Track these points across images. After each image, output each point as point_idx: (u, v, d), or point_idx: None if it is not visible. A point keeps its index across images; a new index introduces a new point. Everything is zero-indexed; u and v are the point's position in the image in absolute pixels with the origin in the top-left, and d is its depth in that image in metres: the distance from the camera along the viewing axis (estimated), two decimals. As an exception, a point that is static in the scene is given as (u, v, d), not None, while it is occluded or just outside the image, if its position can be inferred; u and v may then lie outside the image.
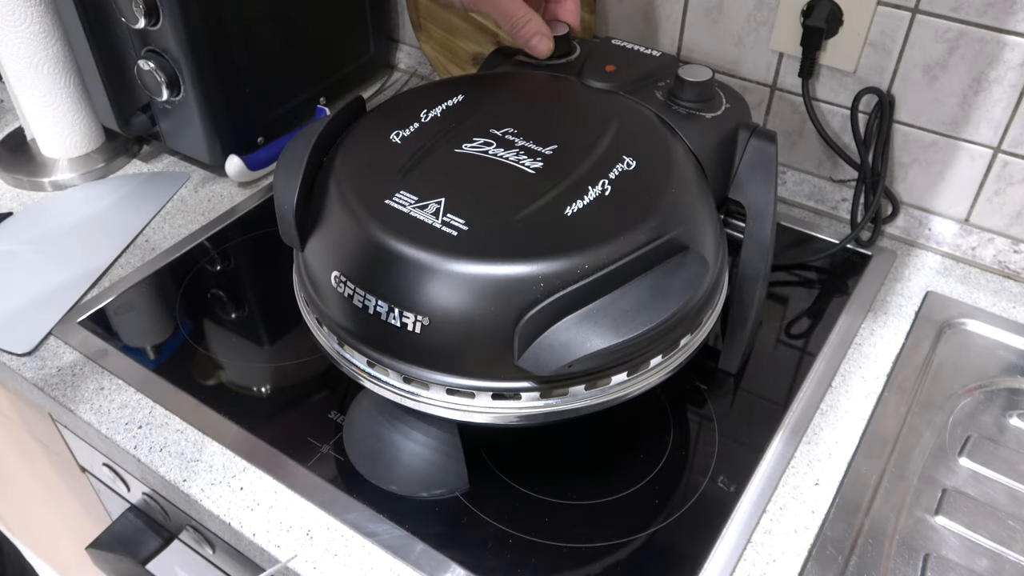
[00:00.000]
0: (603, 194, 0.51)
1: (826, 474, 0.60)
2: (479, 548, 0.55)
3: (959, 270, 0.78)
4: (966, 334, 0.71)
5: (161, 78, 0.80)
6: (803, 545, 0.56)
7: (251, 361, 0.68)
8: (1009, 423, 0.64)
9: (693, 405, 0.64)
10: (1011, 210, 0.75)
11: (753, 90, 0.82)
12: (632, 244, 0.48)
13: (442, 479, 0.58)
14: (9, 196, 0.87)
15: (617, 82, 0.62)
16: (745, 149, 0.59)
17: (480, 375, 0.49)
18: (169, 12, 0.76)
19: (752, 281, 0.61)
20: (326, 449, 0.61)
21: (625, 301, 0.46)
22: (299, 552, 0.55)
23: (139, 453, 0.61)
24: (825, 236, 0.81)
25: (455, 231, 0.48)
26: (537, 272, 0.46)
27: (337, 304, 0.51)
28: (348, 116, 0.59)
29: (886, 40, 0.73)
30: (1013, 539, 0.57)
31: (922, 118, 0.75)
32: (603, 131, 0.56)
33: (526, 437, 0.62)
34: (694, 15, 0.81)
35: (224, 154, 0.86)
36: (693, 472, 0.59)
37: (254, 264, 0.79)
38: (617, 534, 0.56)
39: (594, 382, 0.50)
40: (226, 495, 0.58)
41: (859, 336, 0.70)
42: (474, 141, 0.55)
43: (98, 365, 0.68)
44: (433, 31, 1.00)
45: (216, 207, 0.86)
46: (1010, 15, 0.66)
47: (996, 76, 0.69)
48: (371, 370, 0.52)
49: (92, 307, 0.73)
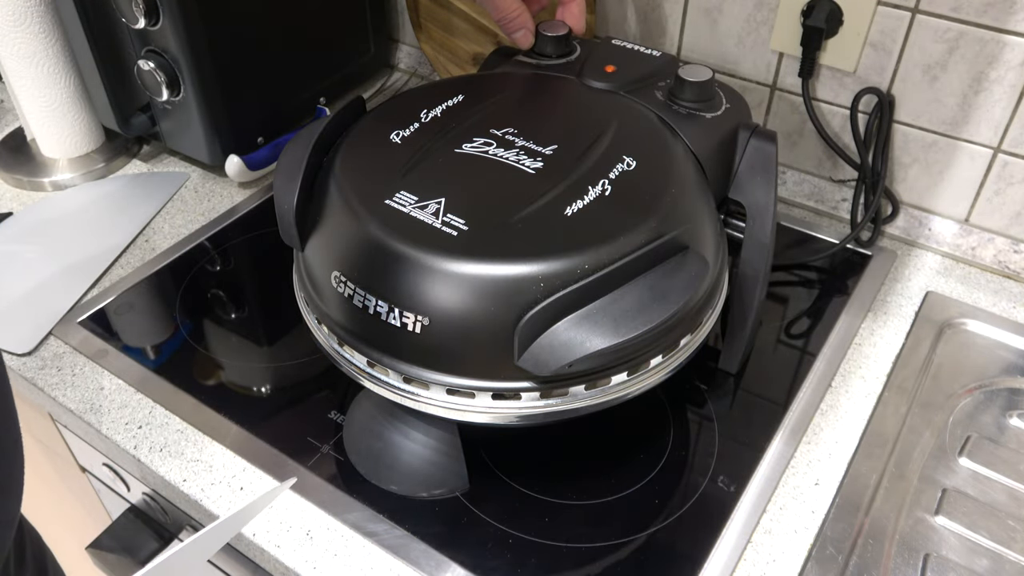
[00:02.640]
0: (603, 194, 0.51)
1: (826, 474, 0.60)
2: (479, 548, 0.55)
3: (959, 270, 0.78)
4: (966, 334, 0.71)
5: (161, 78, 0.80)
6: (803, 545, 0.56)
7: (251, 361, 0.68)
8: (1009, 423, 0.64)
9: (693, 405, 0.64)
10: (1011, 210, 0.75)
11: (753, 90, 0.82)
12: (632, 244, 0.48)
13: (442, 479, 0.58)
14: (9, 196, 0.87)
15: (617, 82, 0.62)
16: (745, 149, 0.59)
17: (480, 375, 0.49)
18: (169, 12, 0.76)
19: (752, 281, 0.61)
20: (326, 449, 0.61)
21: (625, 301, 0.46)
22: (300, 555, 0.55)
23: (139, 453, 0.61)
24: (825, 236, 0.81)
25: (455, 231, 0.48)
26: (537, 272, 0.46)
27: (337, 304, 0.51)
28: (348, 116, 0.59)
29: (886, 40, 0.73)
30: (1013, 539, 0.57)
31: (922, 118, 0.75)
32: (603, 131, 0.56)
33: (526, 437, 0.62)
34: (694, 15, 0.81)
35: (224, 154, 0.86)
36: (693, 472, 0.59)
37: (254, 264, 0.79)
38: (617, 534, 0.56)
39: (594, 382, 0.50)
40: (226, 495, 0.58)
41: (859, 336, 0.70)
42: (474, 141, 0.55)
43: (98, 365, 0.68)
44: (433, 31, 0.99)
45: (216, 207, 0.86)
46: (1010, 15, 0.66)
47: (996, 76, 0.69)
48: (371, 370, 0.52)
49: (92, 307, 0.73)
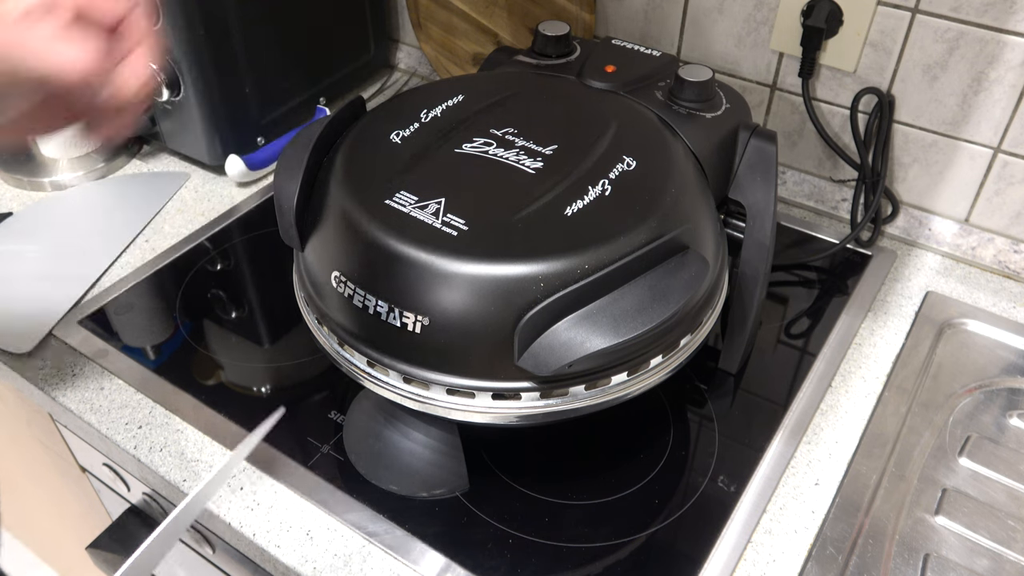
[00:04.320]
0: (603, 194, 0.51)
1: (826, 474, 0.60)
2: (479, 548, 0.55)
3: (959, 270, 0.78)
4: (966, 334, 0.71)
5: (161, 78, 0.80)
6: (803, 545, 0.56)
7: (251, 361, 0.68)
8: (1009, 423, 0.64)
9: (693, 405, 0.64)
10: (1011, 210, 0.75)
11: (753, 90, 0.82)
12: (632, 244, 0.48)
13: (442, 479, 0.58)
14: (9, 196, 0.87)
15: (617, 82, 0.62)
16: (745, 149, 0.59)
17: (480, 375, 0.49)
18: (169, 12, 0.76)
19: (752, 281, 0.61)
20: (326, 449, 0.61)
21: (625, 301, 0.46)
22: (300, 555, 0.55)
23: (139, 453, 0.61)
24: (825, 236, 0.81)
25: (455, 231, 0.48)
26: (537, 272, 0.46)
27: (337, 304, 0.51)
28: (348, 116, 0.59)
29: (886, 40, 0.73)
30: (1013, 539, 0.57)
31: (922, 118, 0.75)
32: (603, 131, 0.56)
33: (526, 437, 0.62)
34: (694, 15, 0.81)
35: (224, 154, 0.86)
36: (693, 472, 0.59)
37: (254, 264, 0.79)
38: (617, 534, 0.56)
39: (594, 382, 0.50)
40: (226, 495, 0.58)
41: (859, 336, 0.70)
42: (474, 141, 0.55)
43: (98, 365, 0.68)
44: (433, 31, 0.99)
45: (216, 207, 0.86)
46: (1010, 15, 0.66)
47: (996, 76, 0.69)
48: (371, 370, 0.52)
49: (92, 307, 0.73)
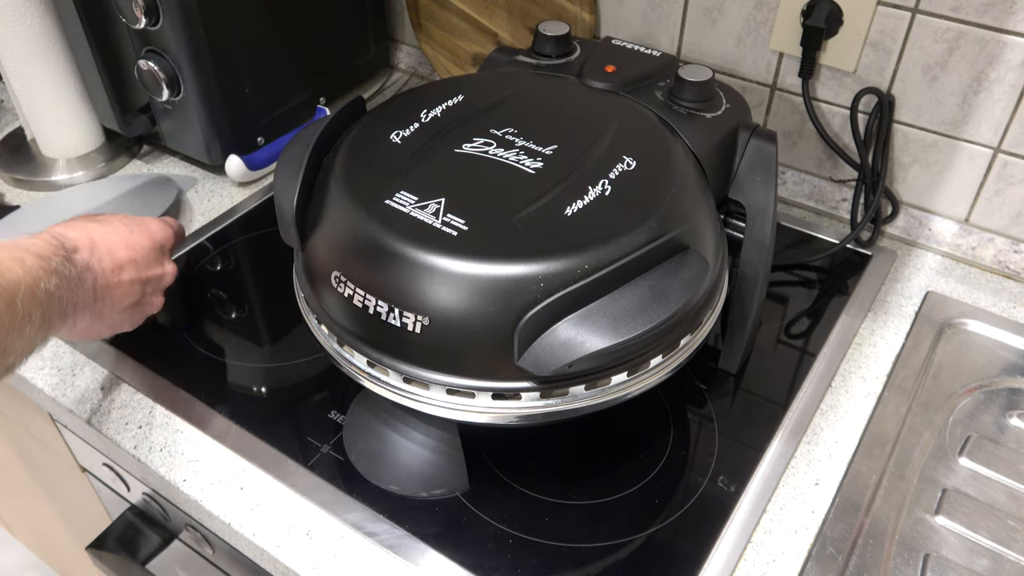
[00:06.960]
0: (603, 194, 0.51)
1: (826, 474, 0.60)
2: (479, 548, 0.55)
3: (959, 270, 0.78)
4: (966, 334, 0.71)
5: (161, 78, 0.80)
6: (803, 545, 0.56)
7: (251, 361, 0.68)
8: (1009, 423, 0.64)
9: (693, 405, 0.64)
10: (1011, 210, 0.75)
11: (753, 90, 0.82)
12: (632, 244, 0.48)
13: (442, 479, 0.58)
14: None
15: (617, 82, 0.62)
16: (745, 149, 0.59)
17: (480, 375, 0.49)
18: (169, 12, 0.76)
19: (752, 281, 0.61)
20: (326, 449, 0.61)
21: (625, 301, 0.46)
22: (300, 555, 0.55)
23: (139, 453, 0.61)
24: (825, 236, 0.81)
25: (455, 231, 0.48)
26: (537, 272, 0.46)
27: (337, 304, 0.51)
28: (348, 116, 0.59)
29: (886, 40, 0.73)
30: (1013, 539, 0.57)
31: (922, 118, 0.75)
32: (603, 131, 0.56)
33: (526, 437, 0.62)
34: (694, 15, 0.81)
35: (224, 154, 0.86)
36: (693, 472, 0.59)
37: (254, 264, 0.79)
38: (617, 534, 0.56)
39: (594, 382, 0.50)
40: (226, 495, 0.58)
41: (859, 336, 0.70)
42: (474, 141, 0.55)
43: (98, 365, 0.68)
44: (433, 31, 1.00)
45: (216, 207, 0.86)
46: (1010, 15, 0.66)
47: (996, 76, 0.69)
48: (371, 370, 0.52)
49: (92, 307, 0.73)
